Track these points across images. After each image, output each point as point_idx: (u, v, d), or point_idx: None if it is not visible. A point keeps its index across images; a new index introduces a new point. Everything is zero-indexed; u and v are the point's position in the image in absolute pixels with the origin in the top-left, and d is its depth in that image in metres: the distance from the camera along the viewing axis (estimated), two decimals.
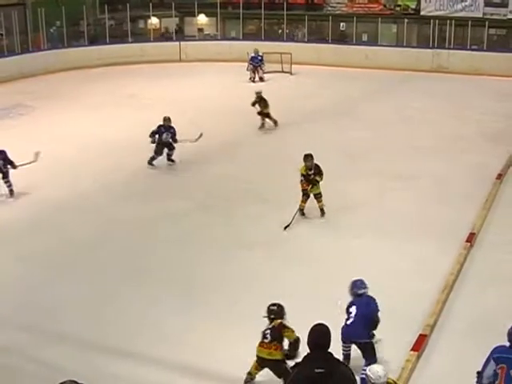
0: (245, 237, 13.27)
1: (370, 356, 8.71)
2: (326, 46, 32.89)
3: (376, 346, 8.83)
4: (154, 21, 36.38)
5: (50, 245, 12.97)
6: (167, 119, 17.56)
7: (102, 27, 35.30)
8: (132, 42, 34.43)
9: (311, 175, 13.90)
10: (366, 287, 9.10)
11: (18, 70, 29.97)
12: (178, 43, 34.61)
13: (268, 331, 8.59)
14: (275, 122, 21.17)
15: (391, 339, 9.30)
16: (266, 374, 8.70)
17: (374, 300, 8.96)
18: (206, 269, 11.97)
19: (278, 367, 8.55)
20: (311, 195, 14.10)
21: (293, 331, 8.41)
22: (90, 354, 9.55)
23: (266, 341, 8.58)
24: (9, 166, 15.37)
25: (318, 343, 6.06)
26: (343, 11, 34.96)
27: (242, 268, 11.96)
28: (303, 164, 13.89)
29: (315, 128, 20.83)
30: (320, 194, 14.09)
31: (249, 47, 30.06)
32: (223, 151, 18.86)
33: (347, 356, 8.94)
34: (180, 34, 36.23)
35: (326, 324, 6.08)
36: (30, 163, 15.44)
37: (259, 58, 29.16)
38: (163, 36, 36.67)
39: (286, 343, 8.56)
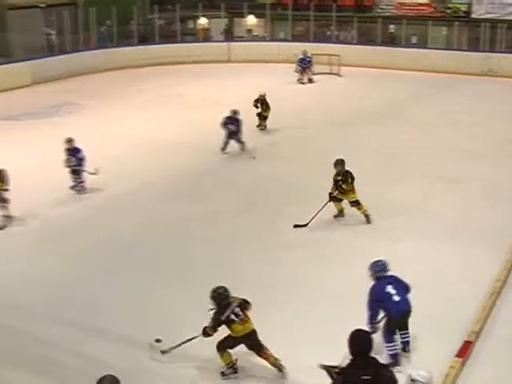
0: (287, 237, 13.22)
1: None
2: (375, 48, 32.64)
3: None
4: (203, 21, 36.54)
5: (94, 242, 13.07)
6: (235, 112, 18.56)
7: (151, 27, 35.59)
8: (181, 42, 34.58)
9: (339, 181, 13.65)
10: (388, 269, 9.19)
11: (68, 69, 30.32)
12: (226, 44, 34.72)
13: (237, 309, 8.88)
14: (263, 127, 21.08)
15: (434, 344, 9.18)
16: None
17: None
18: (248, 269, 11.93)
19: (256, 336, 8.92)
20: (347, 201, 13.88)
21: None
22: (131, 351, 9.59)
23: (240, 318, 8.85)
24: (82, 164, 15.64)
25: (362, 349, 6.02)
26: (393, 13, 34.74)
27: (284, 268, 11.90)
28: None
29: (362, 130, 20.70)
30: (356, 201, 13.76)
31: (297, 48, 29.99)
32: (268, 152, 18.80)
33: (399, 354, 9.03)
34: (229, 35, 36.32)
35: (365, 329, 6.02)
36: (90, 173, 15.63)
37: (308, 59, 29.06)
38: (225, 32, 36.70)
39: None
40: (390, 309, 8.86)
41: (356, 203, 13.78)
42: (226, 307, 8.91)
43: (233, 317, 8.86)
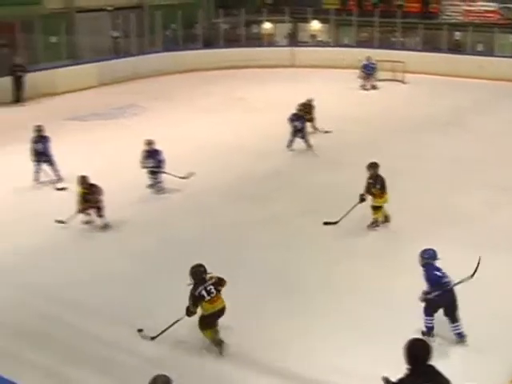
0: (349, 243, 13.24)
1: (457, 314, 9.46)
2: (440, 55, 32.26)
3: None
4: (267, 26, 36.68)
5: (158, 242, 13.28)
6: (301, 109, 19.50)
7: (216, 31, 35.86)
8: (245, 46, 34.75)
9: (370, 184, 13.81)
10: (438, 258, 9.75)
11: (133, 71, 30.77)
12: (290, 49, 34.80)
13: (211, 287, 9.48)
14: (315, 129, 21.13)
15: (492, 359, 9.09)
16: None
17: None
18: (309, 274, 11.97)
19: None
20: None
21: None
22: (187, 353, 9.71)
23: (213, 296, 9.48)
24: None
25: (421, 358, 6.03)
26: (459, 20, 34.39)
27: (346, 274, 11.91)
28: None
29: (425, 137, 20.54)
30: (377, 207, 13.89)
31: (361, 54, 29.91)
32: (330, 158, 18.82)
33: (432, 328, 9.63)
34: (293, 40, 36.40)
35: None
36: (180, 178, 16.05)
37: (372, 65, 28.95)
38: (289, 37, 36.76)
39: None
40: (445, 297, 9.43)
41: (375, 208, 13.91)
42: (201, 284, 9.49)
43: (204, 293, 9.44)
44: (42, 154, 16.74)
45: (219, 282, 9.64)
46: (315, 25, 36.71)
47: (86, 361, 9.53)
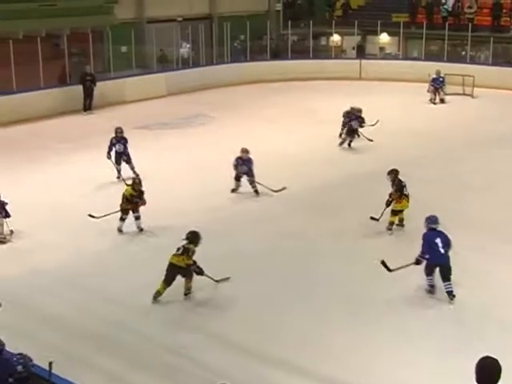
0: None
1: (449, 276, 11.21)
2: (510, 69, 31.79)
3: None
4: (335, 38, 36.62)
5: (221, 252, 13.26)
6: (354, 109, 20.70)
7: (284, 42, 35.95)
8: (313, 58, 34.76)
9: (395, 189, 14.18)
10: (439, 223, 11.56)
11: (201, 82, 31.02)
12: (358, 61, 34.66)
13: (181, 248, 11.32)
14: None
15: None
16: None
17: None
18: (373, 287, 11.86)
19: (184, 271, 11.31)
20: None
21: (189, 258, 11.28)
22: (251, 363, 9.73)
23: (178, 252, 11.32)
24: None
25: (491, 378, 5.89)
26: None
27: (411, 287, 11.73)
28: None
29: (494, 153, 20.16)
30: (394, 211, 14.29)
31: (430, 68, 29.58)
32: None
33: (434, 286, 11.49)
34: (361, 52, 36.25)
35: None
36: (273, 190, 16.47)
37: (441, 79, 28.59)
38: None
39: None
40: (434, 257, 11.25)
41: (393, 212, 14.32)
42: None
43: (178, 247, 11.35)
44: (121, 153, 17.84)
45: (193, 242, 11.41)
46: (384, 37, 36.48)
47: (150, 367, 9.60)
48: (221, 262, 12.75)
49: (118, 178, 17.66)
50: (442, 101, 28.54)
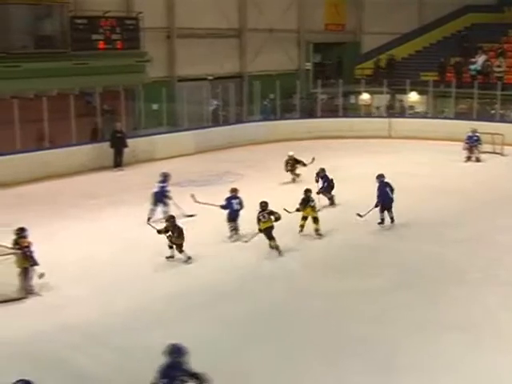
0: (447, 319, 12.89)
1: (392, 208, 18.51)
2: None
3: None
4: (365, 97, 36.83)
5: (247, 311, 13.28)
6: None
7: (313, 101, 36.21)
8: (342, 117, 34.95)
9: None
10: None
11: (230, 140, 31.48)
12: (387, 119, 34.78)
13: (265, 215, 16.49)
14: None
15: None
16: None
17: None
18: (405, 350, 11.67)
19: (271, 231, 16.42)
20: None
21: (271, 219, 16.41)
22: None
23: (264, 219, 16.42)
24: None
25: None
26: None
27: (444, 352, 11.52)
28: None
29: None
30: None
31: (460, 126, 29.63)
32: (426, 229, 18.66)
33: (384, 219, 18.54)
34: (390, 111, 36.39)
35: None
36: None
37: (475, 137, 28.45)
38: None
39: None
40: (385, 200, 18.27)
41: None
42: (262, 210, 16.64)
43: (259, 218, 16.54)
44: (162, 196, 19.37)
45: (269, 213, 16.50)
46: (413, 96, 36.61)
47: None
48: (242, 320, 12.69)
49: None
50: (478, 159, 28.32)
